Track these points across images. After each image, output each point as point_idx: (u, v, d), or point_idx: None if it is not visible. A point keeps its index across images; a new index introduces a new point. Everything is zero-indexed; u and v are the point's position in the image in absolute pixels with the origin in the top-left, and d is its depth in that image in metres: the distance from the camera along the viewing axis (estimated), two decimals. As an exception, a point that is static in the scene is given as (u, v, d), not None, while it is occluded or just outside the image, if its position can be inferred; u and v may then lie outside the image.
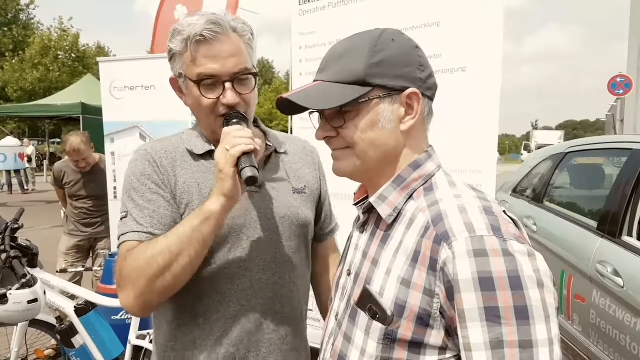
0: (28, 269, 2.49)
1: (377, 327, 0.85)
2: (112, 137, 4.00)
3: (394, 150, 0.92)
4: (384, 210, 0.92)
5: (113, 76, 3.93)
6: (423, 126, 0.96)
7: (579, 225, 3.22)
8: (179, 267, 1.09)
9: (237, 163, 1.08)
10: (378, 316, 0.85)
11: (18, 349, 2.97)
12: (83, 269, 3.97)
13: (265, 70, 51.65)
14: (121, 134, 3.96)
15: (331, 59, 0.94)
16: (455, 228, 0.78)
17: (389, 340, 0.83)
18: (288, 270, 1.32)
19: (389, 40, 0.91)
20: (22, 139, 18.95)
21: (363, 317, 0.88)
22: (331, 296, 1.11)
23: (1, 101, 25.62)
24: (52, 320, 2.96)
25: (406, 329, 0.81)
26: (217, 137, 1.24)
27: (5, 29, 28.51)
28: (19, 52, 26.41)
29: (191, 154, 1.28)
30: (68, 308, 2.88)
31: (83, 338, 2.88)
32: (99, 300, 3.03)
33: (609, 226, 2.81)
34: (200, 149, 1.28)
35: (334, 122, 0.92)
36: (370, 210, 0.97)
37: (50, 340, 3.54)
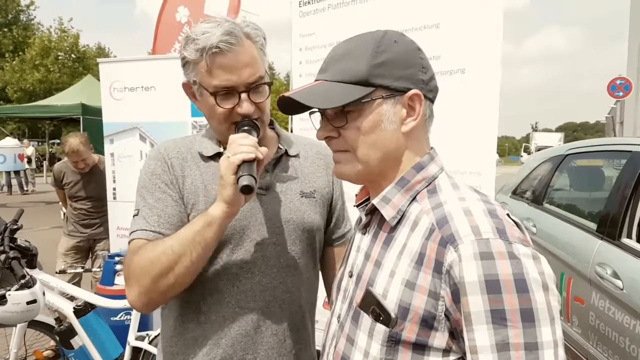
0: (27, 270, 2.49)
1: (381, 329, 0.84)
2: (112, 138, 3.99)
3: (395, 151, 0.92)
4: (388, 212, 0.91)
5: (113, 77, 3.92)
6: (424, 128, 0.96)
7: (579, 227, 3.22)
8: (182, 268, 1.11)
9: (237, 171, 1.09)
10: (381, 318, 0.85)
11: (17, 350, 2.97)
12: (82, 270, 3.96)
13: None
14: (121, 135, 3.95)
15: (333, 59, 0.94)
16: (461, 231, 0.78)
17: (393, 342, 0.83)
18: (291, 274, 1.31)
19: (392, 41, 0.91)
20: (22, 140, 18.93)
21: (366, 319, 0.88)
22: (332, 298, 1.10)
23: (1, 102, 25.64)
24: (51, 321, 2.96)
25: (410, 331, 0.81)
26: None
27: (5, 30, 28.51)
28: (19, 53, 26.42)
29: (201, 156, 1.31)
30: (67, 309, 2.88)
31: (82, 339, 2.88)
32: (98, 301, 3.03)
33: (609, 228, 2.81)
34: (209, 151, 1.31)
35: (336, 122, 0.92)
36: (372, 212, 0.97)
37: (49, 341, 3.54)
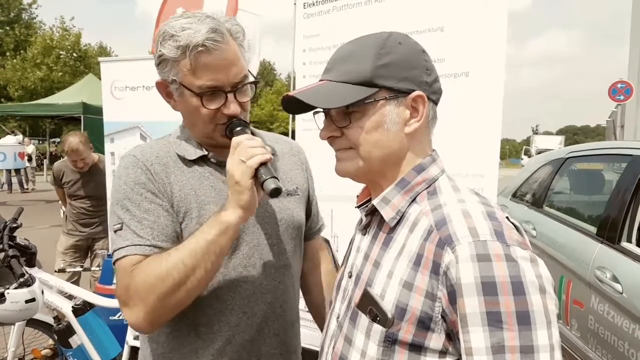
0: (26, 268, 2.49)
1: (378, 330, 0.85)
2: (112, 137, 3.99)
3: (398, 152, 0.93)
4: (387, 212, 0.92)
5: (114, 76, 3.92)
6: (427, 130, 0.96)
7: (578, 230, 3.21)
8: (195, 281, 1.06)
9: (256, 174, 1.06)
10: (378, 318, 0.85)
11: (15, 349, 2.96)
12: (81, 269, 3.97)
13: (266, 72, 51.71)
14: (121, 134, 3.95)
15: (338, 60, 0.95)
16: (458, 232, 0.79)
17: (389, 342, 0.83)
18: (287, 273, 1.32)
19: (396, 43, 0.91)
20: (23, 138, 18.92)
21: (363, 319, 0.88)
22: (332, 298, 1.11)
23: (3, 100, 25.67)
24: (50, 319, 2.95)
25: (407, 332, 0.81)
26: (212, 143, 1.24)
27: (7, 28, 28.56)
28: (21, 51, 26.46)
29: (183, 160, 1.24)
30: (66, 308, 2.87)
31: (80, 338, 2.87)
32: (97, 300, 3.03)
33: (608, 232, 2.81)
34: (192, 155, 1.24)
35: (339, 122, 0.93)
36: (372, 212, 0.97)
37: (47, 340, 3.54)
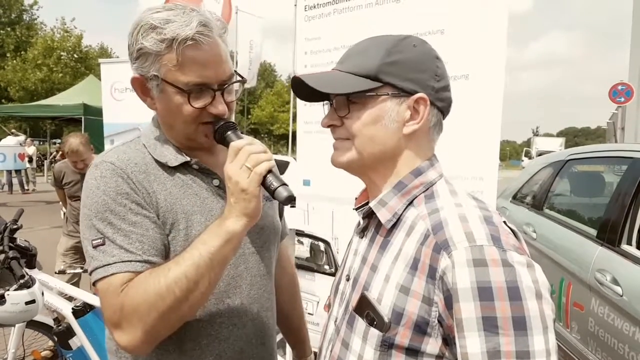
0: (26, 270, 2.50)
1: (374, 334, 0.85)
2: (112, 139, 4.00)
3: (393, 151, 0.93)
4: (384, 215, 0.92)
5: (114, 77, 3.94)
6: (428, 135, 0.95)
7: (579, 233, 3.21)
8: (198, 295, 1.00)
9: (264, 182, 1.02)
10: (375, 322, 0.85)
11: (15, 350, 2.96)
12: (81, 271, 3.95)
13: (267, 73, 51.76)
14: (121, 136, 3.96)
15: (352, 53, 0.96)
16: (455, 237, 0.79)
17: (386, 346, 0.83)
18: (269, 280, 1.30)
19: (411, 45, 0.92)
20: (25, 139, 18.92)
21: (360, 323, 0.88)
22: (330, 301, 1.11)
23: (3, 101, 25.70)
24: (50, 321, 2.95)
25: (403, 336, 0.81)
26: (193, 145, 1.17)
27: (8, 29, 28.59)
28: (21, 52, 26.48)
29: (163, 167, 1.15)
30: (66, 309, 2.87)
31: (80, 340, 2.87)
32: (97, 302, 3.02)
33: (609, 234, 2.81)
34: (173, 161, 1.15)
35: (340, 111, 0.94)
36: (370, 215, 0.97)
37: (47, 341, 3.53)
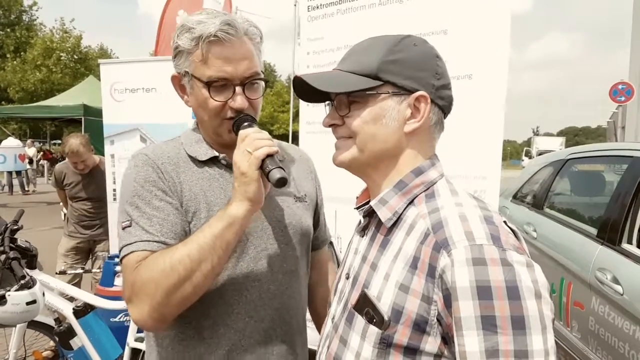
0: (27, 270, 2.49)
1: (374, 331, 0.85)
2: (112, 140, 3.99)
3: (394, 149, 0.93)
4: (384, 213, 0.92)
5: (114, 78, 3.93)
6: (429, 134, 0.95)
7: (579, 232, 3.21)
8: (201, 276, 1.03)
9: (262, 165, 1.06)
10: (375, 320, 0.85)
11: (16, 350, 2.97)
12: (82, 271, 3.97)
13: (266, 73, 51.48)
14: (121, 136, 3.95)
15: (354, 52, 0.97)
16: (455, 236, 0.79)
17: (385, 344, 0.83)
18: (294, 279, 1.30)
19: (411, 44, 0.93)
20: (25, 140, 18.94)
21: (360, 321, 0.88)
22: (329, 300, 1.11)
23: (3, 102, 25.69)
24: (51, 321, 2.96)
25: (402, 335, 0.81)
26: (221, 141, 1.23)
27: (8, 30, 28.59)
28: (21, 53, 26.47)
29: (194, 160, 1.23)
30: (67, 310, 2.88)
31: (81, 340, 2.88)
32: (98, 302, 3.03)
33: (609, 233, 2.81)
34: (203, 155, 1.23)
35: (341, 110, 0.94)
36: (370, 214, 0.97)
37: (48, 341, 3.54)
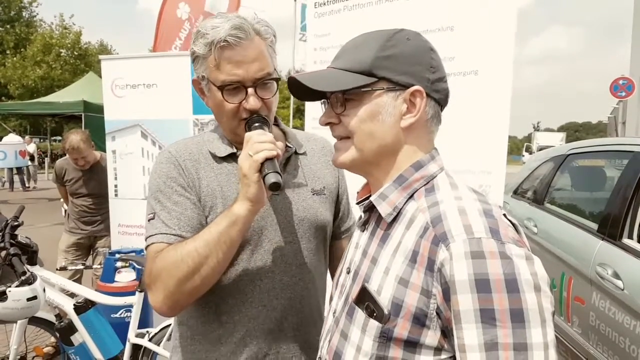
0: (27, 267, 2.50)
1: (374, 325, 0.85)
2: (113, 135, 3.99)
3: (393, 145, 0.93)
4: (384, 208, 0.92)
5: (115, 74, 3.92)
6: (426, 128, 0.95)
7: (580, 227, 3.21)
8: (208, 269, 1.12)
9: (261, 168, 1.10)
10: (375, 314, 0.85)
11: (17, 346, 2.98)
12: (83, 267, 3.98)
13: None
14: (122, 132, 3.95)
15: (346, 49, 0.97)
16: (453, 229, 0.79)
17: (385, 338, 0.84)
18: (307, 271, 1.34)
19: (404, 38, 0.92)
20: (24, 136, 18.96)
21: (360, 315, 0.89)
22: (331, 293, 1.11)
23: (3, 98, 25.68)
24: (52, 317, 2.96)
25: (402, 328, 0.81)
26: (239, 139, 1.26)
27: (7, 26, 28.54)
28: (21, 50, 26.44)
29: (214, 157, 1.30)
30: (67, 306, 2.88)
31: (82, 336, 2.89)
32: (99, 298, 3.04)
33: (610, 228, 2.81)
34: (222, 152, 1.30)
35: (337, 109, 0.94)
36: (371, 208, 0.97)
37: (49, 337, 3.55)
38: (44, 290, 2.46)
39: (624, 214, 2.73)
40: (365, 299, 0.88)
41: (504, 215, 0.86)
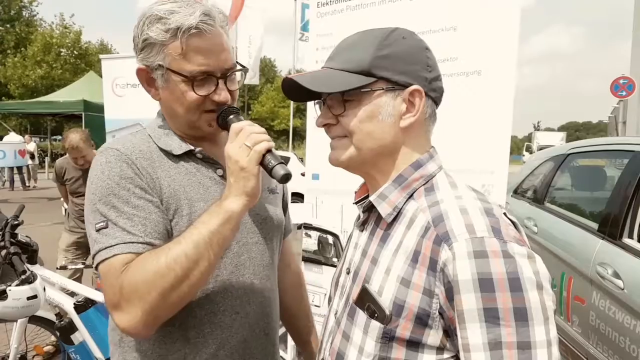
0: (28, 266, 2.50)
1: (376, 326, 0.85)
2: (114, 134, 4.00)
3: (392, 145, 0.93)
4: (384, 208, 0.92)
5: (115, 73, 3.93)
6: (424, 127, 0.95)
7: (580, 226, 3.21)
8: (198, 275, 0.99)
9: (262, 160, 1.04)
10: (376, 315, 0.85)
11: (17, 345, 2.97)
12: (83, 266, 3.98)
13: (267, 69, 51.64)
14: (123, 131, 3.95)
15: (341, 49, 0.96)
16: (455, 229, 0.79)
17: (387, 339, 0.83)
18: (272, 272, 1.31)
19: (400, 37, 0.92)
20: (24, 136, 18.97)
21: (361, 316, 0.88)
22: (330, 294, 1.11)
23: (4, 98, 25.68)
24: (52, 316, 2.96)
25: (404, 329, 0.81)
26: (194, 134, 1.19)
27: (8, 26, 28.54)
28: (21, 49, 26.45)
29: (168, 155, 1.17)
30: (67, 305, 2.88)
31: (82, 335, 2.88)
32: (99, 297, 3.03)
33: (610, 228, 2.81)
34: (177, 149, 1.18)
35: (335, 110, 0.93)
36: (370, 209, 0.97)
37: (49, 336, 3.55)
38: (44, 289, 2.46)
39: (624, 214, 2.73)
40: (366, 300, 0.88)
41: (504, 213, 0.85)
